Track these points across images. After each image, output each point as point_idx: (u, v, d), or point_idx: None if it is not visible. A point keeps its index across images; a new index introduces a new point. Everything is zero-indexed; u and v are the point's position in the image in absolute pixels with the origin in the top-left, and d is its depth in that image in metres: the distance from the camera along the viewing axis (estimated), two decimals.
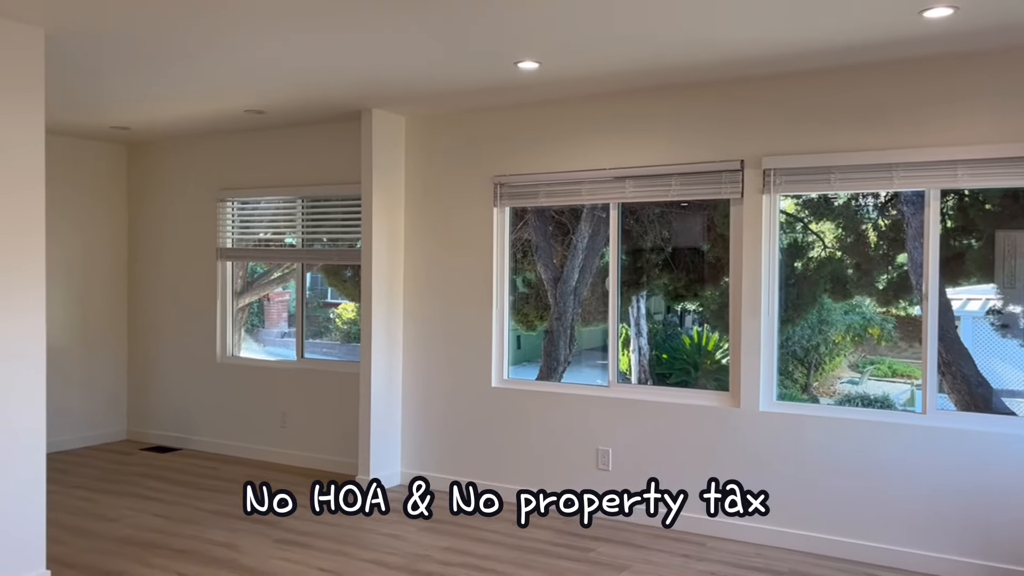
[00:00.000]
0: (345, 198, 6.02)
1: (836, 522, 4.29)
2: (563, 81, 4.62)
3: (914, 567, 4.10)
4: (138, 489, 5.46)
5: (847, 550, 4.25)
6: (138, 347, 7.07)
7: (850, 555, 4.24)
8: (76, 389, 6.74)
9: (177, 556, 4.17)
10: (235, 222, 6.59)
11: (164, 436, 6.89)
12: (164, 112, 5.61)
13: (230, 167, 6.55)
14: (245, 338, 6.84)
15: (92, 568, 3.98)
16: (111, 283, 7.01)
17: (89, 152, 6.83)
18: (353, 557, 4.17)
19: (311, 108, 5.44)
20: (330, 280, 6.89)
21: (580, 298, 5.58)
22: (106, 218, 6.96)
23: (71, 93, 5.03)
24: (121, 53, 4.11)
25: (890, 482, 4.17)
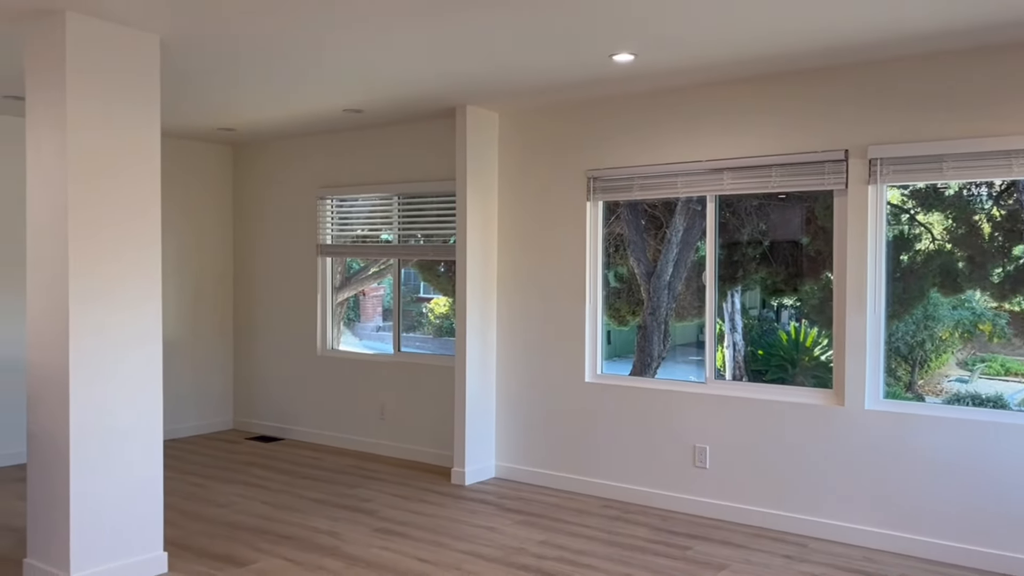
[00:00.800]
0: (439, 195, 6.11)
1: (949, 527, 4.11)
2: (658, 73, 4.56)
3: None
4: (245, 477, 5.69)
5: (961, 556, 4.07)
6: (243, 340, 7.35)
7: (964, 561, 4.06)
8: (187, 381, 7.06)
9: (283, 542, 4.32)
10: (334, 219, 6.78)
11: (268, 426, 7.15)
12: (267, 113, 5.82)
13: (329, 166, 6.73)
14: (343, 332, 7.03)
15: (204, 551, 4.17)
16: (219, 278, 7.31)
17: (198, 153, 7.14)
18: (449, 548, 4.24)
19: (407, 106, 5.54)
20: (424, 275, 7.00)
21: (674, 293, 5.50)
22: (214, 216, 7.26)
23: (182, 97, 5.27)
24: (229, 58, 4.28)
25: (1008, 485, 3.97)
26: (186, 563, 4.00)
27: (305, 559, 4.06)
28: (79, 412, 3.56)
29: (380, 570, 3.91)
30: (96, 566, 3.62)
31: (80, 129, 3.55)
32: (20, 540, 4.32)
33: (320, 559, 4.06)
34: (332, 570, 3.91)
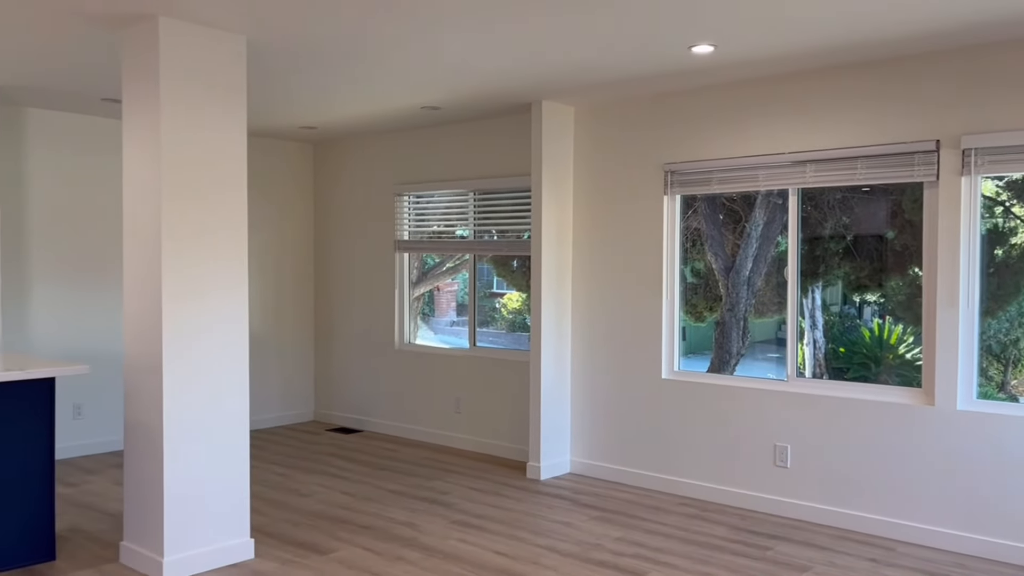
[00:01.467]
0: (514, 190, 6.12)
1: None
2: (739, 63, 4.48)
3: None
4: (326, 467, 5.82)
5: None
6: (323, 334, 7.52)
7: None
8: (271, 373, 7.27)
9: (362, 532, 4.41)
10: (411, 215, 6.87)
11: (347, 418, 7.30)
12: (347, 111, 5.93)
13: (406, 162, 6.82)
14: (420, 326, 7.12)
15: (288, 538, 4.29)
16: (300, 273, 7.49)
17: (280, 151, 7.32)
18: (527, 542, 4.25)
19: (483, 102, 5.57)
20: (498, 271, 7.03)
21: (754, 288, 5.40)
22: (295, 213, 7.44)
23: (266, 96, 5.41)
24: (312, 58, 4.37)
25: None
26: (271, 549, 4.11)
27: (384, 549, 4.14)
28: (172, 404, 3.70)
29: (458, 562, 3.96)
30: (188, 550, 3.76)
31: (172, 129, 3.68)
32: (116, 523, 4.52)
33: (399, 549, 4.13)
34: (411, 561, 3.97)
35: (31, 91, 5.28)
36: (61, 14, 3.64)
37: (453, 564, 3.93)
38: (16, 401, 3.78)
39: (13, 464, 3.79)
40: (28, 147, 5.85)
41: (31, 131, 5.85)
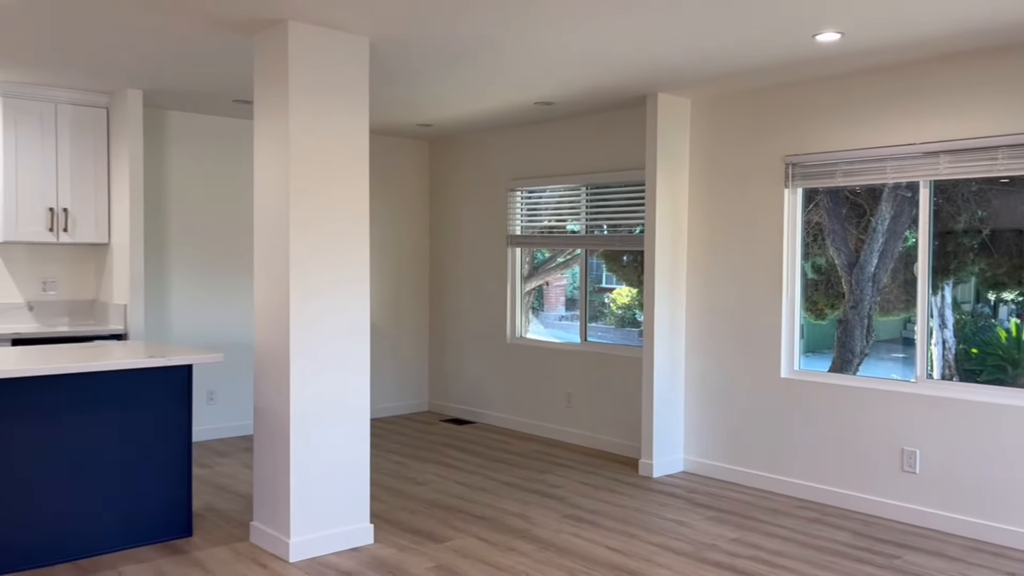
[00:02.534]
0: (627, 184, 6.08)
1: None
2: (866, 51, 4.29)
3: None
4: (440, 457, 5.95)
5: None
6: (438, 326, 7.68)
7: None
8: (388, 364, 7.48)
9: (476, 522, 4.49)
10: (523, 210, 6.92)
11: (460, 409, 7.44)
12: (462, 109, 6.02)
13: (519, 158, 6.88)
14: (531, 320, 7.18)
15: (406, 525, 4.41)
16: (416, 267, 7.68)
17: (397, 148, 7.51)
18: (640, 539, 4.23)
19: (597, 96, 5.55)
20: (609, 266, 7.00)
21: (879, 285, 5.17)
22: (412, 208, 7.63)
23: (385, 95, 5.56)
24: (432, 57, 4.47)
25: None
26: (389, 535, 4.24)
27: (498, 540, 4.20)
28: (298, 392, 3.86)
29: (571, 556, 3.97)
30: (312, 532, 3.92)
31: (299, 128, 3.84)
32: (246, 504, 4.76)
33: (512, 541, 4.18)
34: (524, 552, 4.02)
35: (171, 95, 5.61)
36: (200, 22, 3.85)
37: (566, 558, 3.95)
38: (158, 386, 4.04)
39: (155, 445, 4.04)
40: (168, 147, 6.22)
41: (170, 132, 6.22)
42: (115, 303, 5.62)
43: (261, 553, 3.96)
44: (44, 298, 5.74)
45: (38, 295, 5.72)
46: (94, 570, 3.72)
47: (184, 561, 3.84)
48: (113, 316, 5.63)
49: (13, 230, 5.31)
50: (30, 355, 3.95)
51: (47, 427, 3.73)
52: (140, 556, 3.90)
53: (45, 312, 5.74)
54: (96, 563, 3.80)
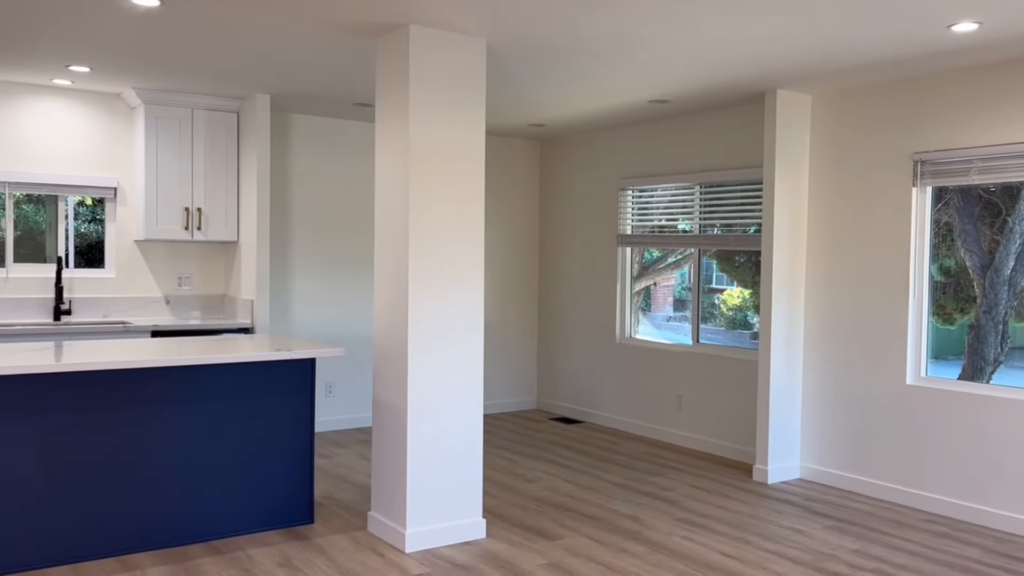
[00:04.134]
0: (741, 183, 5.94)
1: None
2: (1005, 41, 4.05)
3: None
4: (549, 455, 5.98)
5: None
6: (547, 325, 7.72)
7: None
8: (497, 361, 7.57)
9: (587, 521, 4.49)
10: (634, 209, 6.87)
11: (568, 408, 7.45)
12: (576, 108, 6.03)
13: (630, 156, 6.83)
14: (641, 321, 7.11)
15: (516, 521, 4.46)
16: (526, 266, 7.74)
17: (509, 148, 7.59)
18: (755, 546, 4.13)
19: (713, 93, 5.45)
20: (721, 266, 6.86)
21: (1016, 289, 4.87)
22: (522, 207, 7.69)
23: (500, 96, 5.63)
24: (547, 58, 4.50)
25: None
26: (501, 531, 4.30)
27: (609, 540, 4.19)
28: (415, 387, 3.96)
29: (683, 559, 3.92)
30: (427, 524, 4.02)
31: (419, 129, 3.93)
32: (363, 494, 4.92)
33: (623, 542, 4.16)
34: (635, 554, 3.99)
35: (296, 99, 5.86)
36: (326, 28, 4.01)
37: (679, 561, 3.90)
38: (284, 378, 4.22)
39: (280, 435, 4.23)
40: (292, 149, 6.49)
41: (294, 135, 6.49)
42: (243, 298, 5.90)
43: (378, 542, 4.09)
44: (179, 292, 6.10)
45: (174, 290, 6.08)
46: (225, 550, 3.93)
47: (306, 547, 4.01)
48: (241, 310, 5.92)
49: (153, 228, 5.66)
50: (168, 346, 4.20)
51: (183, 414, 3.96)
52: (266, 540, 4.09)
53: (180, 306, 6.09)
54: (227, 544, 4.01)
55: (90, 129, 5.74)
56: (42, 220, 5.75)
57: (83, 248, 5.86)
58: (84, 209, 5.89)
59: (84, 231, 5.88)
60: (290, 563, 3.79)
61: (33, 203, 5.71)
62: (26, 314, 5.56)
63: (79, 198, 5.83)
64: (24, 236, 5.66)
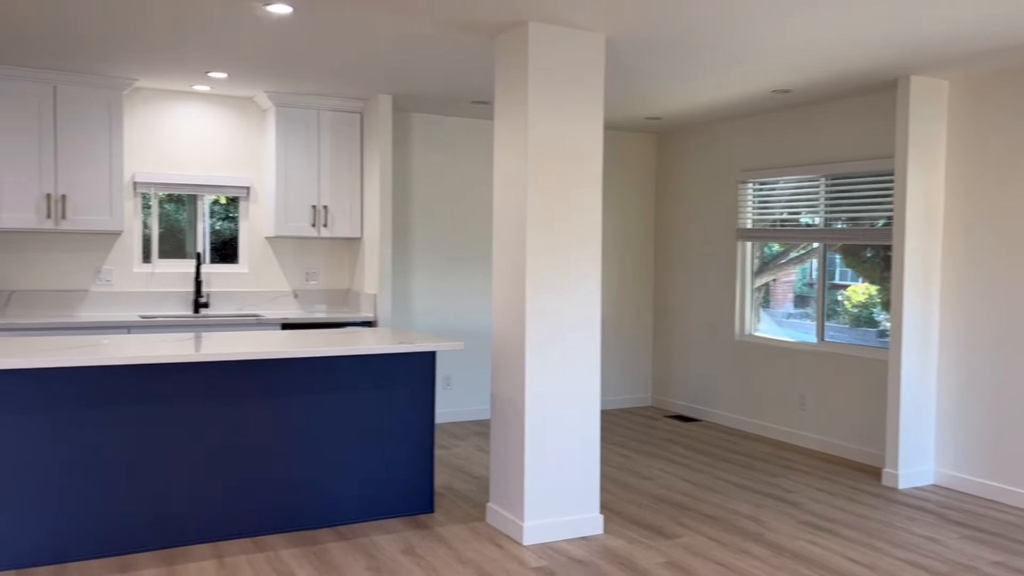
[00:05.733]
0: (869, 174, 5.68)
1: None
2: None
3: None
4: (665, 453, 5.91)
5: None
6: (662, 320, 7.62)
7: None
8: (612, 357, 7.54)
9: (705, 521, 4.41)
10: (754, 203, 6.69)
11: (684, 406, 7.34)
12: (694, 100, 5.92)
13: (750, 148, 6.65)
14: (762, 318, 6.92)
15: (634, 518, 4.43)
16: (641, 261, 7.66)
17: (625, 142, 7.53)
18: (885, 554, 3.96)
19: (841, 81, 5.24)
20: (847, 261, 6.58)
21: None
22: (638, 202, 7.62)
23: (616, 90, 5.59)
24: (666, 51, 4.44)
25: None
26: (618, 527, 4.28)
27: (729, 541, 4.10)
28: (533, 382, 4.00)
29: (808, 564, 3.80)
30: (545, 518, 4.05)
31: (537, 126, 3.96)
32: (481, 486, 5.00)
33: (744, 543, 4.07)
34: (757, 556, 3.90)
35: (416, 98, 6.00)
36: (447, 28, 4.09)
37: (803, 565, 3.78)
38: (406, 370, 4.34)
39: (402, 425, 4.36)
40: (412, 147, 6.65)
41: (414, 133, 6.65)
42: (366, 292, 6.10)
43: (496, 534, 4.15)
44: (307, 287, 6.36)
45: (302, 284, 6.35)
46: (351, 536, 4.08)
47: (427, 535, 4.11)
48: (364, 304, 6.12)
49: (283, 225, 5.93)
50: (298, 338, 4.39)
51: (312, 404, 4.13)
52: (388, 527, 4.22)
53: (307, 299, 6.35)
54: (352, 530, 4.16)
55: (225, 132, 6.06)
56: (182, 218, 6.12)
57: (217, 244, 6.19)
58: (218, 208, 6.22)
59: (219, 228, 6.21)
60: (412, 551, 3.90)
61: (173, 202, 6.08)
62: (169, 306, 5.93)
63: (214, 197, 6.17)
64: (165, 233, 6.03)
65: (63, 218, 5.32)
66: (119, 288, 5.81)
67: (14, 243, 5.51)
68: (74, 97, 5.31)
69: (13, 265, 5.51)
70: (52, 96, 5.26)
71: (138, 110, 5.80)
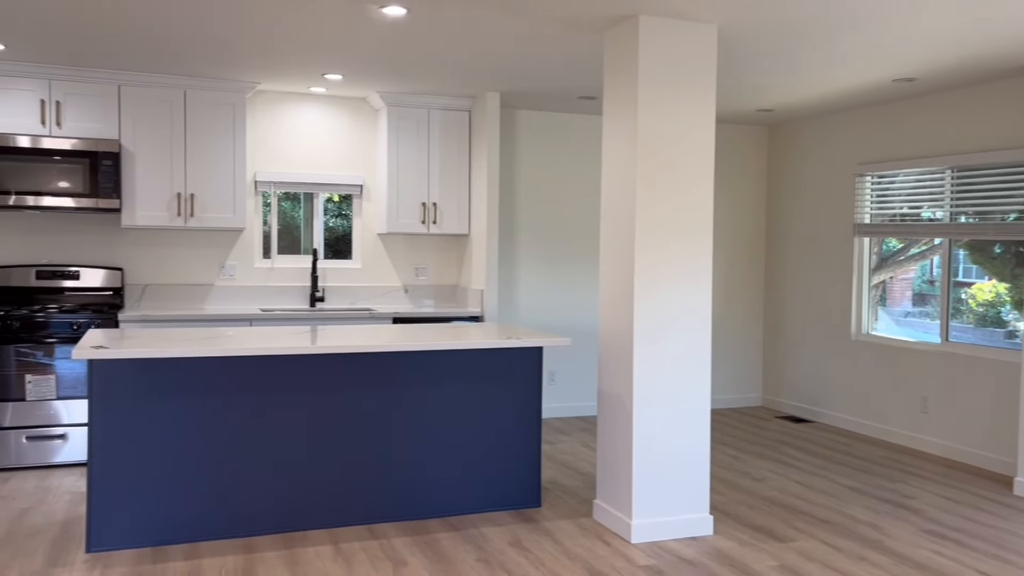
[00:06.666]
0: (1001, 165, 5.36)
1: None
2: None
3: None
4: (776, 454, 5.76)
5: None
6: (773, 318, 7.42)
7: None
8: (720, 355, 7.39)
9: (820, 525, 4.28)
10: (872, 197, 6.42)
11: (796, 407, 7.12)
12: (808, 91, 5.73)
13: (869, 140, 6.39)
14: (879, 316, 6.65)
15: (745, 520, 4.34)
16: (751, 257, 7.48)
17: (734, 135, 7.36)
18: (1018, 567, 3.74)
19: (970, 68, 4.97)
20: (973, 257, 6.23)
21: None
22: (747, 196, 7.44)
23: (726, 82, 5.47)
24: (782, 40, 4.31)
25: None
26: (729, 529, 4.20)
27: (846, 547, 3.96)
28: (641, 380, 3.97)
29: (932, 574, 3.63)
30: (653, 517, 4.02)
31: (647, 121, 3.92)
32: (587, 482, 5.00)
33: (862, 550, 3.93)
34: (876, 563, 3.75)
35: (523, 95, 6.04)
36: (556, 24, 4.10)
37: None
38: (514, 365, 4.39)
39: (509, 419, 4.40)
40: (519, 144, 6.70)
41: (521, 130, 6.69)
42: (473, 288, 6.19)
43: (604, 530, 4.14)
44: (416, 282, 6.51)
45: (412, 280, 6.50)
46: (460, 527, 4.15)
47: (535, 529, 4.14)
48: (471, 300, 6.21)
49: (395, 222, 6.08)
50: (410, 332, 4.49)
51: (423, 396, 4.23)
52: (496, 520, 4.27)
53: (417, 295, 6.50)
54: (461, 521, 4.24)
55: (340, 132, 6.26)
56: (297, 216, 6.36)
57: (330, 241, 6.41)
58: (331, 205, 6.43)
59: (331, 225, 6.42)
60: (520, 544, 3.94)
61: (289, 200, 6.32)
62: (287, 300, 6.18)
63: (328, 195, 6.38)
64: (282, 230, 6.28)
65: (191, 216, 5.62)
66: (241, 283, 6.09)
67: (148, 240, 5.86)
68: (202, 101, 5.60)
69: (147, 261, 5.86)
70: (183, 100, 5.56)
71: (259, 112, 6.06)
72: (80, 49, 4.78)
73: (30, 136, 5.21)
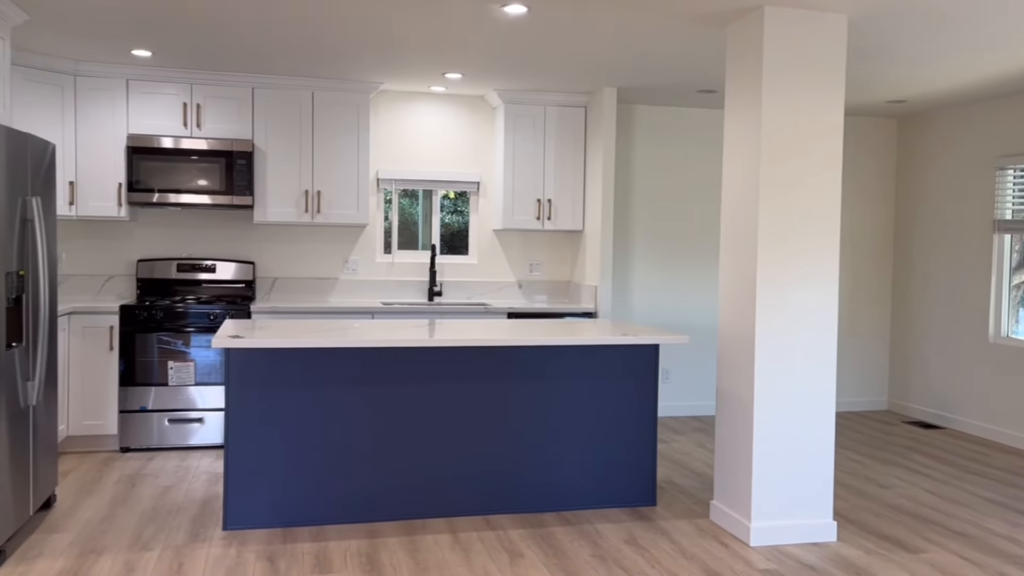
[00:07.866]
0: None
1: None
2: None
3: None
4: (904, 461, 5.51)
5: None
6: (901, 318, 7.09)
7: None
8: (843, 356, 7.12)
9: (954, 537, 4.07)
10: (1014, 191, 6.04)
11: (926, 412, 6.79)
12: (944, 80, 5.44)
13: (1012, 131, 6.00)
14: (1021, 318, 6.24)
15: (871, 528, 4.17)
16: (877, 254, 7.17)
17: (860, 128, 7.07)
18: None
19: None
20: None
21: None
22: (874, 191, 7.13)
23: (855, 74, 5.26)
24: (913, 27, 4.11)
25: None
26: (853, 536, 4.05)
27: (983, 561, 3.76)
28: (763, 379, 3.87)
29: None
30: (773, 520, 3.92)
31: (772, 115, 3.82)
32: (703, 482, 4.92)
33: (1001, 565, 3.71)
34: None
35: (640, 90, 5.98)
36: (677, 19, 4.04)
37: None
38: (628, 362, 4.37)
39: (625, 416, 4.39)
40: (635, 139, 6.65)
41: (637, 125, 6.64)
42: (587, 284, 6.19)
43: (721, 532, 4.07)
44: (530, 278, 6.57)
45: (525, 275, 6.56)
46: (575, 522, 4.17)
47: (650, 528, 4.11)
48: (585, 296, 6.22)
49: (510, 218, 6.15)
50: (525, 327, 4.54)
51: (540, 391, 4.27)
52: (611, 516, 4.27)
53: (530, 290, 6.56)
54: (576, 516, 4.26)
55: (458, 129, 6.38)
56: (415, 212, 6.52)
57: (446, 236, 6.53)
58: (447, 202, 6.56)
59: (447, 221, 6.55)
60: (636, 542, 3.92)
61: (408, 197, 6.48)
62: (406, 294, 6.35)
63: (444, 192, 6.51)
64: (401, 226, 6.46)
65: (318, 212, 5.85)
66: (364, 277, 6.30)
67: (277, 235, 6.14)
68: (328, 101, 5.82)
69: (277, 255, 6.15)
70: (311, 101, 5.80)
71: (382, 111, 6.25)
72: (218, 55, 5.06)
73: (173, 137, 5.55)
